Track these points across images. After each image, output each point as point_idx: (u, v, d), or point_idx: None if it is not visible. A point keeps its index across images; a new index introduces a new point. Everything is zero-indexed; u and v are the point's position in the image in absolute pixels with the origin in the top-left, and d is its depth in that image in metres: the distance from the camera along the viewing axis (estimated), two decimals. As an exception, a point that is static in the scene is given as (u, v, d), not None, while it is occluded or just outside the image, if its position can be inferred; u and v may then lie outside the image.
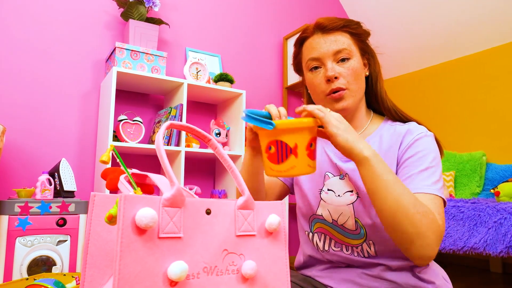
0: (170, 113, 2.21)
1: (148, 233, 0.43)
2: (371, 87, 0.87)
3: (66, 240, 1.68)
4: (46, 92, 2.15)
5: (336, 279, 0.82)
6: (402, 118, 0.84)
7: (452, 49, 3.07)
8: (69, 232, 1.69)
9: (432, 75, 3.26)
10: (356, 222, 0.79)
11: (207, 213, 0.48)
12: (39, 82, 2.14)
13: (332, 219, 0.82)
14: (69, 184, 1.82)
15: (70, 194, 1.82)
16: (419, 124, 0.82)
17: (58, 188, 1.81)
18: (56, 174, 1.84)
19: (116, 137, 2.11)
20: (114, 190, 0.61)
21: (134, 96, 2.43)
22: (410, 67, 3.42)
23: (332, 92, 0.80)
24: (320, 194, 0.85)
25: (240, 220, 0.51)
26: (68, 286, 0.79)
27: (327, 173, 0.86)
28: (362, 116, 0.87)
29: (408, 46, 3.28)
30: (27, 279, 0.82)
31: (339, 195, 0.82)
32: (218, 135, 2.45)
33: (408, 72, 3.47)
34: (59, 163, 1.84)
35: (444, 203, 0.73)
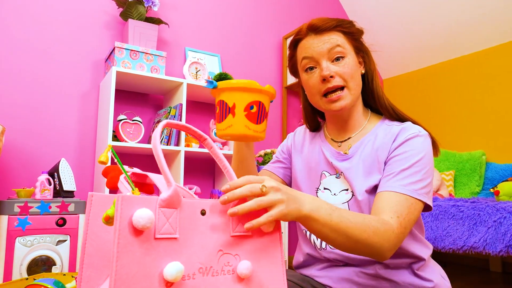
0: (169, 113, 2.21)
1: (145, 234, 0.43)
2: (367, 85, 0.87)
3: (65, 240, 1.68)
4: (45, 92, 2.15)
5: (334, 278, 0.82)
6: (399, 116, 0.84)
7: (451, 48, 3.06)
8: (68, 232, 1.69)
9: (432, 75, 3.26)
10: None
11: (202, 214, 0.48)
12: (39, 82, 2.14)
13: None
14: (68, 184, 1.82)
15: (70, 194, 1.83)
16: (414, 123, 0.82)
17: (57, 188, 1.81)
18: (55, 174, 1.84)
19: (115, 137, 2.11)
20: (114, 189, 0.61)
21: (133, 96, 2.43)
22: (409, 66, 3.42)
23: (329, 92, 0.81)
24: (317, 192, 0.87)
25: (235, 221, 0.51)
26: (68, 286, 0.79)
27: (323, 172, 0.87)
28: (359, 115, 0.87)
29: (408, 45, 3.27)
30: (27, 279, 0.82)
31: (334, 194, 0.83)
32: (217, 135, 2.45)
33: (407, 72, 3.46)
34: (58, 163, 1.84)
35: (428, 206, 0.74)
